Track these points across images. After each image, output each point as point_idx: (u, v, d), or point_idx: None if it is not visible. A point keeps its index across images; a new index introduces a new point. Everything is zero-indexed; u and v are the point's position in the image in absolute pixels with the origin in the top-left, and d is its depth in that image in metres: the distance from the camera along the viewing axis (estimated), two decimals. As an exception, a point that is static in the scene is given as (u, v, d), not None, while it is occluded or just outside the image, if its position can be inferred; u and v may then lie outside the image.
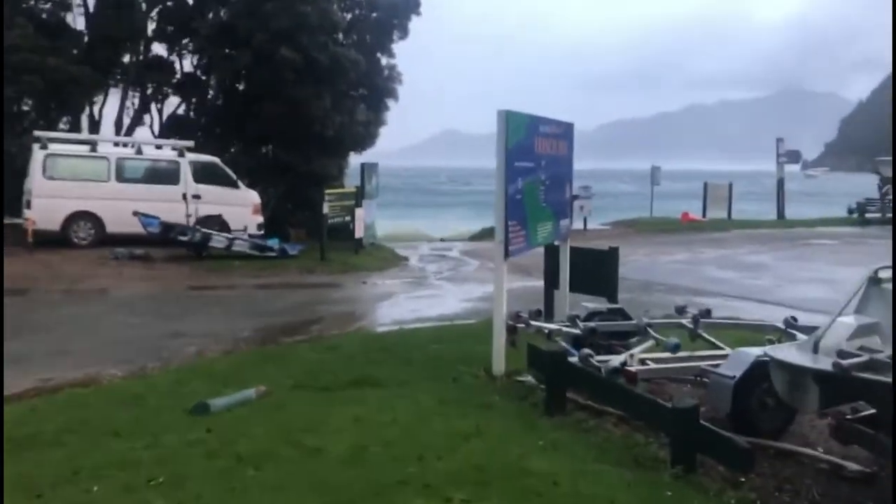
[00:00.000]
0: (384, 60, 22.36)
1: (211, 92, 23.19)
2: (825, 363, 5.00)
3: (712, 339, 8.15)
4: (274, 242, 18.36)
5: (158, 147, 20.29)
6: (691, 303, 14.19)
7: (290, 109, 20.19)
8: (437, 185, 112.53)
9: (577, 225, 28.50)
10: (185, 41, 23.11)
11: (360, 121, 21.49)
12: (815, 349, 5.25)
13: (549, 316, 11.22)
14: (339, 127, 20.70)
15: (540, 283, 16.44)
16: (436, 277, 17.07)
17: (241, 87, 22.36)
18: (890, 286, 5.44)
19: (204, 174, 19.25)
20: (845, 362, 4.87)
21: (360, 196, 20.05)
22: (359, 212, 19.58)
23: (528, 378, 7.67)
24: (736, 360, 6.47)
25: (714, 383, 6.43)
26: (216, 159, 19.69)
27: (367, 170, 20.63)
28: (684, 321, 8.49)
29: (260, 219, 19.75)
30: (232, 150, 22.54)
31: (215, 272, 16.17)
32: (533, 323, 7.75)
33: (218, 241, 17.56)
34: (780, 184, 32.91)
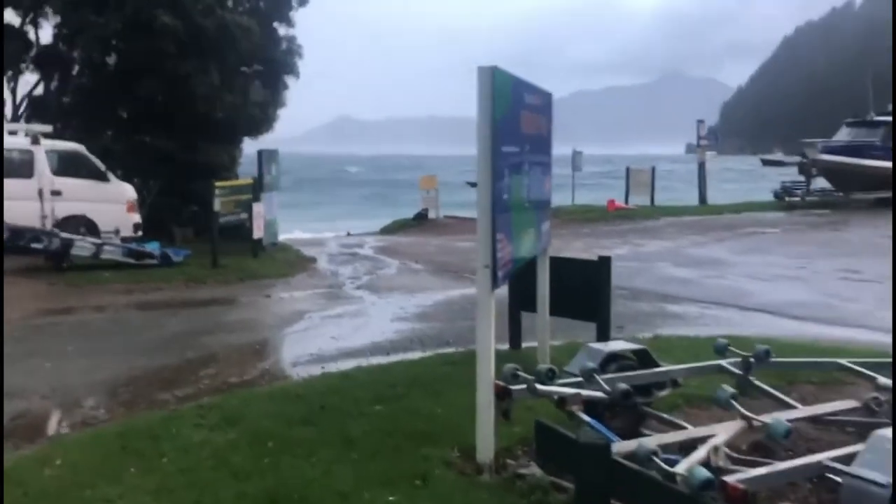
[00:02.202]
0: (282, 30, 19.31)
1: (76, 67, 19.58)
2: None
3: (777, 394, 5.83)
4: (154, 247, 15.21)
5: (12, 133, 16.75)
6: (663, 312, 12.09)
7: (171, 87, 17.00)
8: (336, 175, 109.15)
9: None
10: (43, 8, 19.41)
11: (255, 101, 18.42)
12: None
13: (515, 346, 8.76)
14: (231, 108, 17.61)
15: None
16: (353, 285, 14.34)
17: (111, 62, 18.90)
18: None
19: (65, 165, 15.89)
20: None
21: (258, 189, 17.05)
22: (257, 207, 16.60)
23: (532, 469, 5.16)
24: (881, 453, 4.12)
25: (854, 493, 4.06)
26: (80, 147, 16.30)
27: (265, 157, 17.61)
28: (727, 364, 6.16)
29: (136, 218, 16.48)
30: (104, 136, 19.06)
31: (77, 288, 12.98)
32: (542, 388, 5.18)
33: (82, 247, 14.31)
34: (702, 168, 31.50)
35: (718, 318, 11.16)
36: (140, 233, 16.44)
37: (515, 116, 5.73)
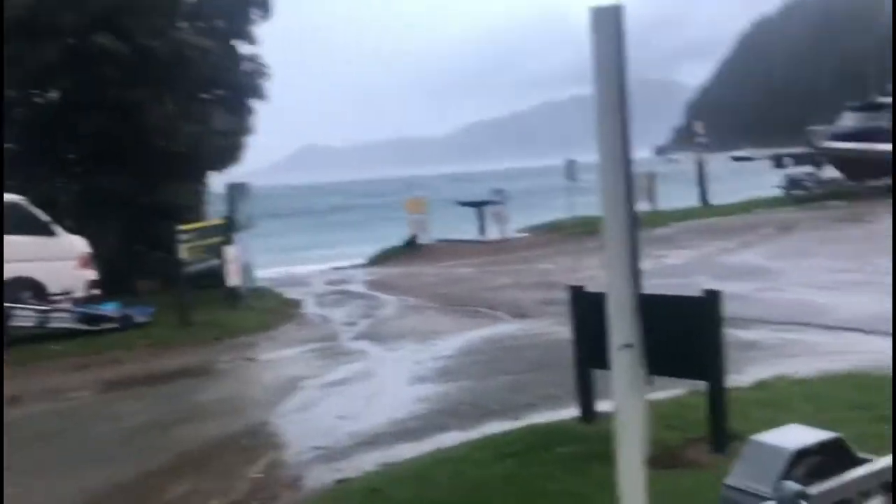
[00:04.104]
0: (244, 48, 17.13)
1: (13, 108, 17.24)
2: None
3: None
4: (112, 308, 12.95)
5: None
6: (736, 340, 9.72)
7: (119, 120, 14.77)
8: (309, 205, 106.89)
9: (495, 234, 24.24)
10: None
11: (220, 130, 16.23)
12: None
13: (587, 416, 6.59)
14: (191, 139, 15.41)
15: (514, 327, 11.86)
16: (350, 334, 12.16)
17: (53, 97, 16.64)
18: None
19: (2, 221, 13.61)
20: None
21: (230, 229, 14.84)
22: (231, 251, 14.39)
23: None
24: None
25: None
26: (19, 198, 14.00)
27: (236, 192, 15.43)
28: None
29: (91, 274, 14.15)
30: (50, 182, 16.73)
31: (19, 369, 10.62)
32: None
33: (24, 316, 11.99)
34: (701, 168, 29.70)
35: (806, 345, 9.14)
36: (97, 291, 14.15)
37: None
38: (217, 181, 18.61)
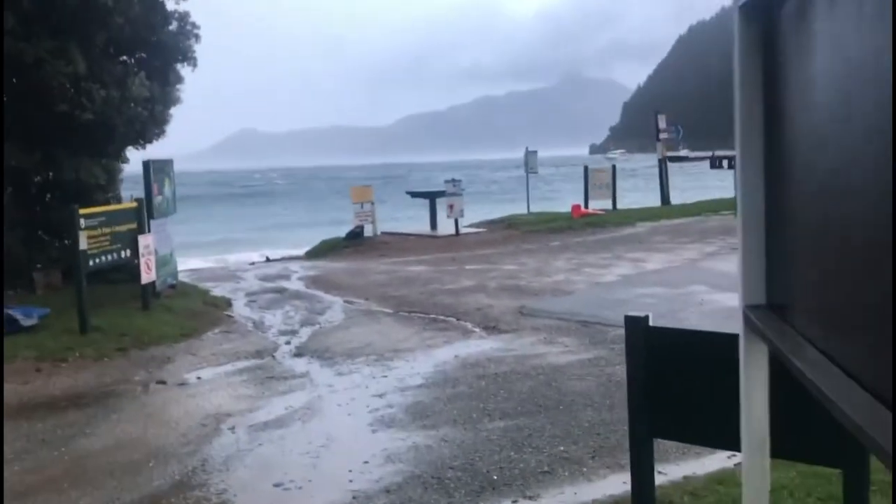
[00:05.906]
0: (170, 4, 14.63)
1: None
2: None
3: None
4: (-10, 308, 10.46)
5: None
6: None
7: (16, 78, 12.22)
8: (244, 191, 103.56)
9: (448, 229, 22.21)
10: None
11: (139, 97, 13.73)
12: None
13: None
14: (104, 105, 12.90)
15: (490, 345, 9.80)
16: (290, 348, 9.94)
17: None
18: None
19: None
20: None
21: (144, 213, 12.42)
22: (144, 240, 11.99)
23: None
24: None
25: None
26: None
27: (155, 170, 12.98)
28: None
29: (-29, 264, 11.67)
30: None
31: None
32: None
33: None
34: (663, 165, 28.13)
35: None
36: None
37: None
38: (137, 159, 16.15)
